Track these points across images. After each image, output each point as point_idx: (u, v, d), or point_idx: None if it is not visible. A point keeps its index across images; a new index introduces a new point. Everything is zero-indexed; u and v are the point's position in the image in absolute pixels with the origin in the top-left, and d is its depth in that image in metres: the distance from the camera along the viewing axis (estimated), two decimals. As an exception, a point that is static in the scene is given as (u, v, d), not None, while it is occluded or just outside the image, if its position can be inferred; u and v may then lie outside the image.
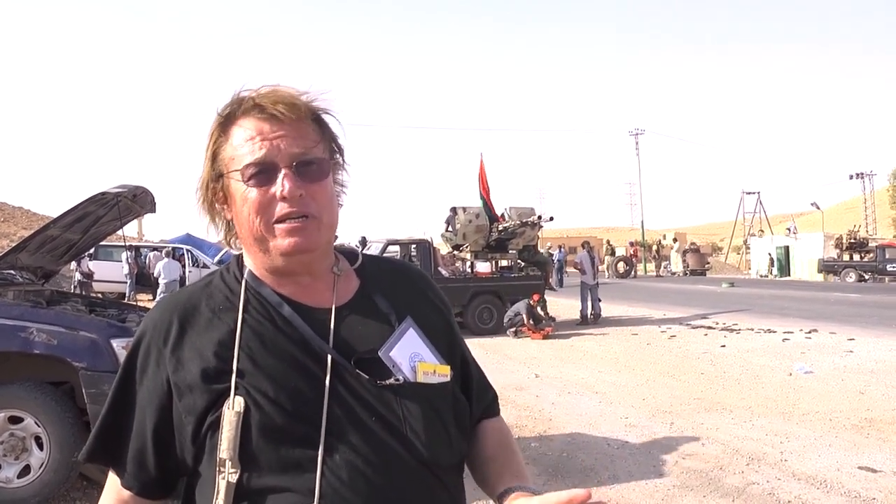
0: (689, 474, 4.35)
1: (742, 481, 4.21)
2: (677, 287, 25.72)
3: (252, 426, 0.86)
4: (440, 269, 12.85)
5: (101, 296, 11.12)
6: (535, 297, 11.91)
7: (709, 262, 40.64)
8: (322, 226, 0.95)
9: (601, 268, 23.00)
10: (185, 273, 17.00)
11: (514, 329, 11.52)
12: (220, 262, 16.68)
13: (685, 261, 37.77)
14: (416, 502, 0.90)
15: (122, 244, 15.33)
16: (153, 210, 5.36)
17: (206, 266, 18.74)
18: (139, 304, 11.70)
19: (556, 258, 25.89)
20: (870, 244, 30.65)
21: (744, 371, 7.96)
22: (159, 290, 14.51)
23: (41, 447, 3.70)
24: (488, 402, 1.13)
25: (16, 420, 3.71)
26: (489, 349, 10.13)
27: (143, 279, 17.91)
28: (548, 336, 11.32)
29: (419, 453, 0.91)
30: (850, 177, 49.18)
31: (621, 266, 35.06)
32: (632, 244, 40.52)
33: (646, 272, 39.15)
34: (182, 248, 19.90)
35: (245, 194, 0.92)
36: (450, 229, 13.50)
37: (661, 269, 39.08)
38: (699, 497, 3.97)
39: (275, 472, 0.86)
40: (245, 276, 0.99)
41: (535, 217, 12.87)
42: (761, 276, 35.42)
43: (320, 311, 0.97)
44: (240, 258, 1.04)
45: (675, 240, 42.55)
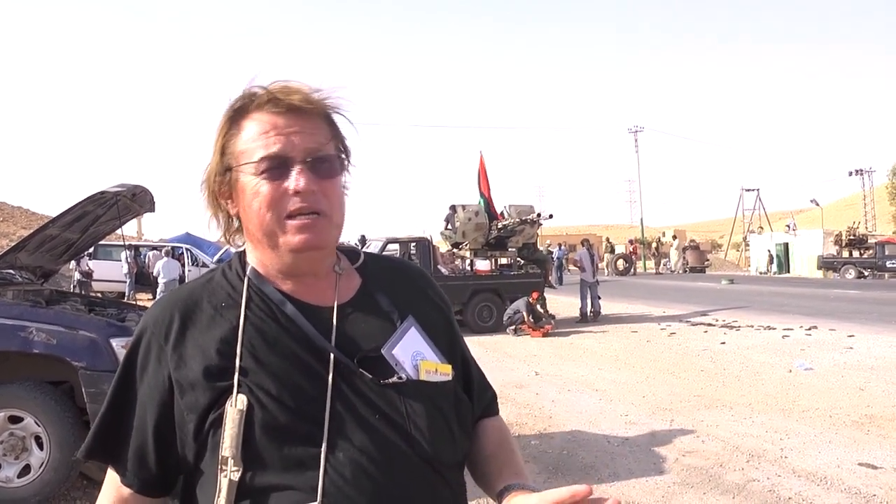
0: (690, 471, 4.35)
1: (742, 478, 4.22)
2: (677, 284, 25.72)
3: (255, 424, 0.86)
4: (440, 267, 12.85)
5: (100, 295, 11.12)
6: (535, 294, 11.92)
7: (708, 260, 40.68)
8: (332, 224, 0.95)
9: (601, 265, 23.01)
10: (184, 272, 17.00)
11: (513, 327, 11.54)
12: (219, 261, 16.63)
13: (685, 258, 37.77)
14: (419, 499, 0.89)
15: (122, 243, 15.33)
16: (152, 209, 5.36)
17: (205, 265, 18.73)
18: (139, 303, 11.70)
19: (555, 256, 25.93)
20: (869, 241, 30.69)
21: (744, 368, 7.97)
22: (159, 290, 14.50)
23: (41, 447, 3.70)
24: (488, 402, 1.13)
25: (16, 419, 3.71)
26: (489, 347, 10.14)
27: (142, 278, 17.91)
28: (547, 334, 11.33)
29: (423, 450, 0.90)
30: (850, 173, 49.32)
31: (621, 263, 35.07)
32: (631, 242, 40.54)
33: (645, 269, 39.15)
34: (181, 247, 19.92)
35: (257, 188, 0.92)
36: (449, 227, 13.49)
37: (661, 266, 39.09)
38: (699, 494, 3.97)
39: (277, 471, 0.85)
40: (247, 273, 0.99)
41: (535, 215, 12.85)
42: (761, 273, 35.45)
43: (322, 310, 0.97)
44: (242, 255, 1.03)
45: (674, 237, 42.52)
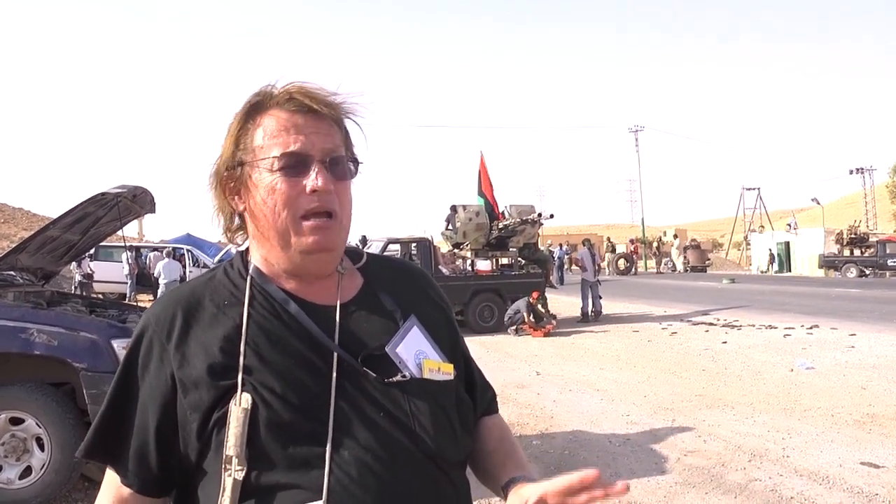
0: (691, 471, 4.35)
1: (744, 478, 4.21)
2: (678, 284, 25.69)
3: (259, 423, 0.86)
4: (441, 267, 12.85)
5: (101, 296, 11.12)
6: (535, 294, 11.91)
7: (709, 259, 40.67)
8: (342, 228, 0.96)
9: (602, 265, 23.02)
10: (185, 273, 17.01)
11: (514, 327, 11.53)
12: (220, 262, 16.60)
13: (685, 257, 37.76)
14: (423, 497, 0.89)
15: (123, 244, 15.33)
16: (153, 210, 5.36)
17: (206, 266, 18.74)
18: (140, 304, 11.70)
19: (556, 255, 25.92)
20: (870, 239, 30.65)
21: (745, 367, 7.96)
22: (159, 291, 14.53)
23: (42, 448, 3.70)
24: (488, 401, 1.15)
25: (17, 421, 3.71)
26: (490, 347, 10.13)
27: (143, 279, 17.93)
28: (549, 334, 11.32)
29: (427, 448, 0.91)
30: (851, 172, 49.32)
31: (622, 263, 35.06)
32: (632, 241, 40.55)
33: (646, 269, 39.15)
34: (182, 249, 19.95)
35: (273, 184, 0.92)
36: (450, 227, 13.49)
37: (662, 265, 39.09)
38: (701, 494, 3.97)
39: (282, 469, 0.85)
40: (250, 271, 0.98)
41: (536, 214, 12.83)
42: (762, 272, 35.43)
43: (325, 308, 0.97)
44: (244, 254, 1.03)
45: (675, 236, 42.49)
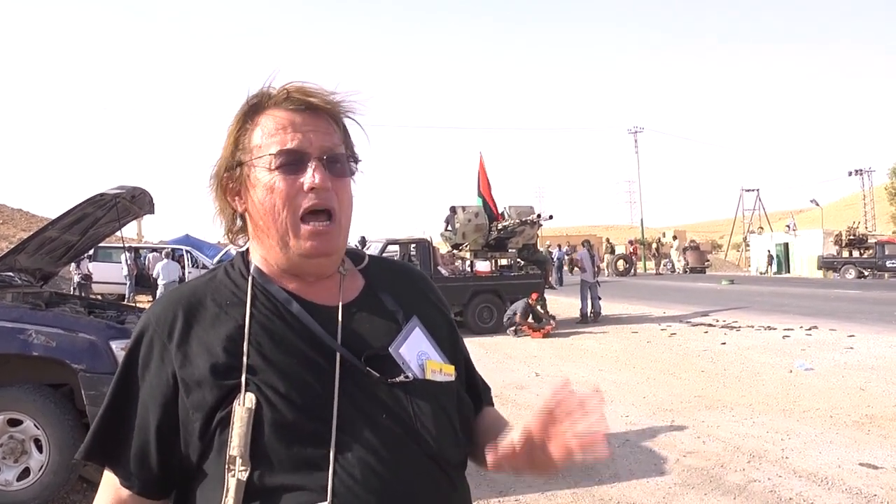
0: (690, 472, 4.35)
1: (743, 479, 4.21)
2: (677, 285, 25.72)
3: (263, 423, 0.85)
4: (440, 268, 12.83)
5: (100, 297, 11.10)
6: (534, 295, 11.90)
7: (708, 260, 40.67)
8: (342, 230, 0.96)
9: (601, 266, 23.01)
10: (184, 274, 16.99)
11: (514, 328, 11.52)
12: (219, 263, 16.59)
13: (685, 258, 37.77)
14: (426, 497, 0.90)
15: (121, 245, 15.31)
16: (152, 211, 5.35)
17: (205, 267, 18.71)
18: (138, 305, 11.68)
19: (555, 256, 25.94)
20: (869, 240, 30.65)
21: (744, 368, 7.96)
22: (158, 292, 14.50)
23: (40, 450, 3.70)
24: (489, 400, 1.18)
25: (15, 423, 3.70)
26: (489, 348, 10.13)
27: (142, 280, 17.90)
28: (548, 335, 11.32)
29: (430, 448, 0.91)
30: (850, 173, 49.33)
31: (621, 264, 35.07)
32: (631, 242, 40.55)
33: (645, 270, 39.16)
34: (181, 249, 19.91)
35: (271, 183, 0.92)
36: (449, 228, 13.49)
37: (661, 266, 39.10)
38: (700, 495, 3.97)
39: (286, 470, 0.85)
40: (251, 271, 0.98)
41: (535, 216, 12.86)
42: (761, 274, 35.44)
43: (328, 309, 0.97)
44: (245, 254, 1.03)
45: (674, 237, 42.55)
